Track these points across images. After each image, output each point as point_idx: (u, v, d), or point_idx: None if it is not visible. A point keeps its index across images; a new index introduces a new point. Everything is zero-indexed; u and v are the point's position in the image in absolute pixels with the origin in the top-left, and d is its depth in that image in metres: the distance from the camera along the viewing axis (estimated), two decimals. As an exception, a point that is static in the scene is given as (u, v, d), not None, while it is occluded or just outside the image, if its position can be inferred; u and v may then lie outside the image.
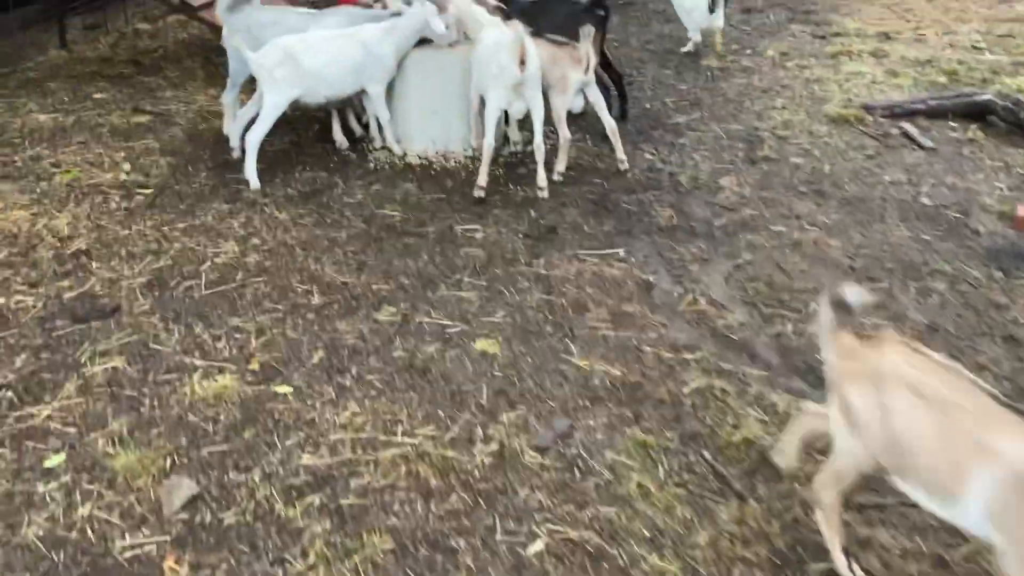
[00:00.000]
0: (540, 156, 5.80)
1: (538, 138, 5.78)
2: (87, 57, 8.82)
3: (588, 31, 5.88)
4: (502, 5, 6.58)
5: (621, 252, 5.19)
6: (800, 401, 3.81)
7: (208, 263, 5.12)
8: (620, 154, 6.21)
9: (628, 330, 4.47)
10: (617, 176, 6.18)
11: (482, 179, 5.80)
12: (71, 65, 8.58)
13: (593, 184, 6.08)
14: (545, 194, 5.84)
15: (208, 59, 8.74)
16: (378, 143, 6.61)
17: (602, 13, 6.74)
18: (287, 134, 6.74)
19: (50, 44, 9.04)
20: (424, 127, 6.48)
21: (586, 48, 5.87)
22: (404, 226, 5.53)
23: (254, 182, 5.98)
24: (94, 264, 5.11)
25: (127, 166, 6.34)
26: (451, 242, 5.34)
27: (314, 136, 6.83)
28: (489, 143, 5.76)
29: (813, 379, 4.10)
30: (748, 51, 8.95)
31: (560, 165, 6.05)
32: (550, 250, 5.22)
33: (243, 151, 6.19)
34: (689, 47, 8.83)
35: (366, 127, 6.83)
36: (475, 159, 6.42)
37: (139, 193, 5.95)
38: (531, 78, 5.64)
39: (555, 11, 6.77)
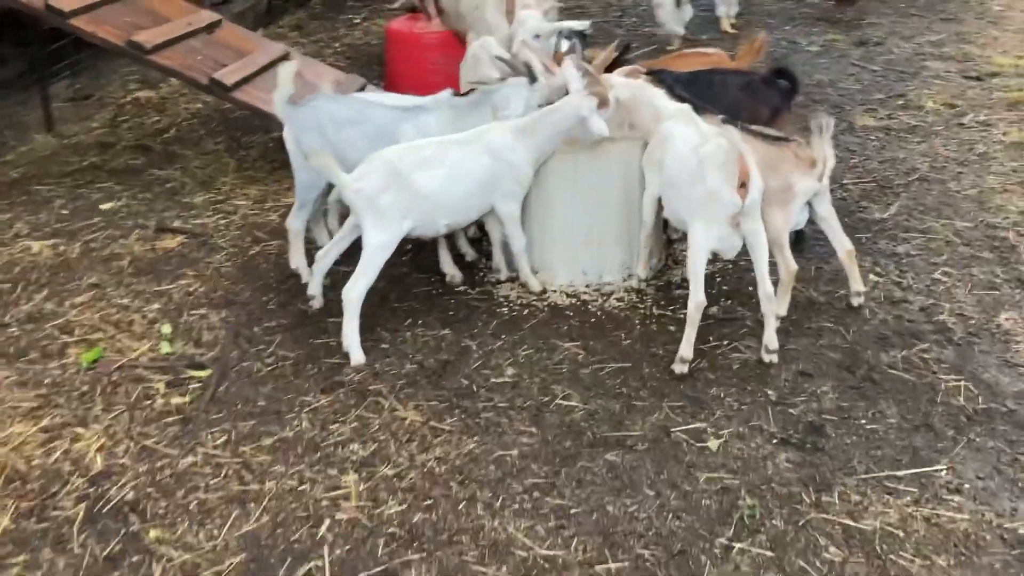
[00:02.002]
0: (770, 310, 4.09)
1: (767, 286, 4.07)
2: (82, 142, 6.97)
3: (827, 123, 4.18)
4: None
5: (942, 472, 3.50)
6: None
7: (327, 522, 3.36)
8: (858, 284, 4.52)
9: (1052, 656, 2.79)
10: (853, 316, 4.49)
11: (687, 350, 4.07)
12: (63, 155, 6.73)
13: (826, 331, 4.39)
14: (774, 358, 4.14)
15: (235, 139, 6.96)
16: (504, 274, 4.88)
17: (788, 85, 5.07)
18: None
19: (32, 125, 7.18)
20: (570, 252, 4.76)
21: (823, 147, 4.18)
22: (595, 428, 3.79)
23: (357, 355, 4.23)
24: (151, 533, 3.33)
25: (167, 328, 4.55)
26: (676, 459, 3.61)
27: (410, 263, 5.08)
28: (699, 301, 4.03)
29: None
30: (900, 101, 7.32)
31: (781, 307, 4.35)
32: (834, 472, 3.51)
33: (324, 296, 4.55)
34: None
35: (472, 242, 5.12)
36: (642, 293, 4.73)
37: (193, 378, 4.18)
38: (753, 205, 3.94)
39: (724, 84, 5.08)
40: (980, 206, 5.54)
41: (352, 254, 4.41)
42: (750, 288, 4.72)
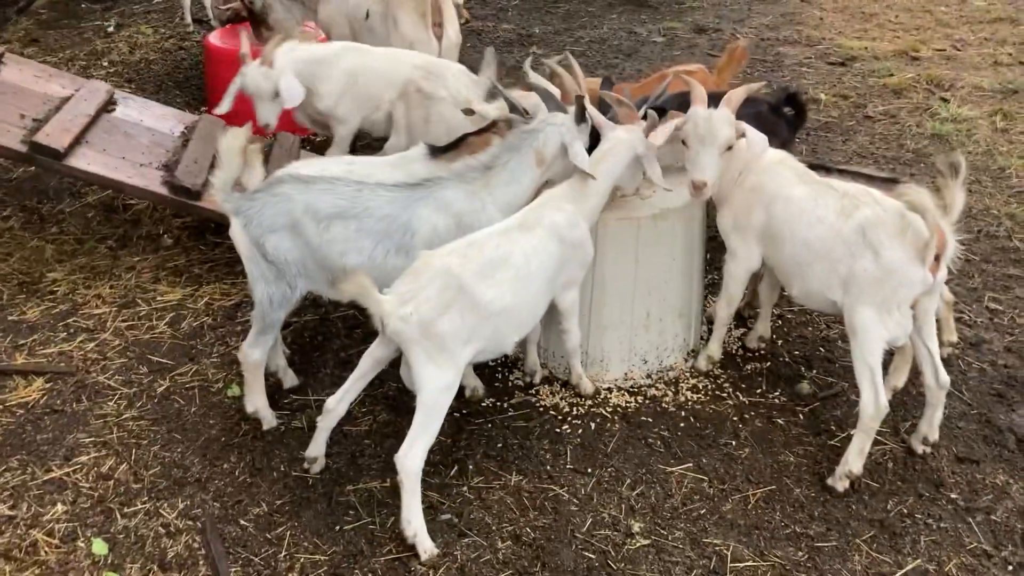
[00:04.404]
0: (940, 399, 3.36)
1: (943, 374, 3.33)
2: None
3: (959, 164, 3.51)
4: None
5: None
6: None
7: None
8: (952, 335, 3.97)
9: None
10: (948, 370, 3.91)
11: (858, 464, 3.25)
12: None
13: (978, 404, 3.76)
14: (928, 449, 3.44)
15: (32, 211, 5.10)
16: (538, 377, 3.78)
17: (792, 112, 4.40)
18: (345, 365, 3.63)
19: None
20: (628, 338, 3.77)
21: (955, 191, 3.50)
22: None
23: (428, 544, 2.97)
24: None
25: (101, 547, 2.99)
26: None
27: (392, 373, 3.79)
28: (882, 406, 3.18)
29: None
30: (805, 94, 6.93)
31: (901, 378, 3.67)
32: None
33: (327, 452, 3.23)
34: None
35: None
36: (711, 375, 3.86)
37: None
38: (942, 281, 3.21)
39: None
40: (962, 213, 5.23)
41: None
42: (822, 349, 4.03)
